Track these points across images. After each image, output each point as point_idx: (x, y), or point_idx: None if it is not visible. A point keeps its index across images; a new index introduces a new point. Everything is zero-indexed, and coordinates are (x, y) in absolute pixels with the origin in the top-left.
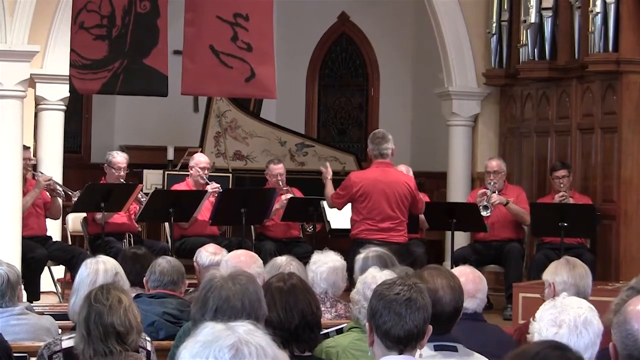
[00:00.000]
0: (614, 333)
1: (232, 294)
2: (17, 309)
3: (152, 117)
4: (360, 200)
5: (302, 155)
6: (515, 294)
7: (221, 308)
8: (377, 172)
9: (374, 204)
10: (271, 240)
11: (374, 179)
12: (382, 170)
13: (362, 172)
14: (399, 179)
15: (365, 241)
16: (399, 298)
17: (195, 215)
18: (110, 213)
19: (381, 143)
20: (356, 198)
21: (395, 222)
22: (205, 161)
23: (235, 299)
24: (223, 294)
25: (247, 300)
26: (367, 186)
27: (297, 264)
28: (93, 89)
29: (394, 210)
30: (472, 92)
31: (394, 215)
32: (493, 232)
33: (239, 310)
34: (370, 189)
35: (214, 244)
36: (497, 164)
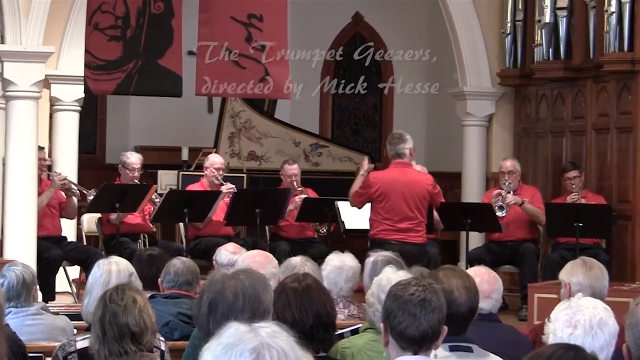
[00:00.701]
0: (627, 334)
1: (226, 287)
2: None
3: (167, 117)
4: (379, 200)
5: (316, 155)
6: (530, 294)
7: (214, 301)
8: (395, 172)
9: (393, 204)
10: (285, 241)
11: (392, 179)
12: (400, 171)
13: (380, 172)
14: (417, 178)
15: (384, 241)
16: (413, 299)
17: (209, 215)
18: (124, 213)
19: (398, 143)
20: (375, 198)
21: (414, 222)
22: (219, 162)
23: (228, 293)
24: (217, 288)
25: (242, 294)
26: (386, 186)
27: (311, 264)
28: (107, 90)
29: (413, 211)
30: (486, 92)
31: (412, 215)
32: (508, 232)
33: (232, 303)
34: (388, 189)
35: (233, 243)
36: (511, 164)
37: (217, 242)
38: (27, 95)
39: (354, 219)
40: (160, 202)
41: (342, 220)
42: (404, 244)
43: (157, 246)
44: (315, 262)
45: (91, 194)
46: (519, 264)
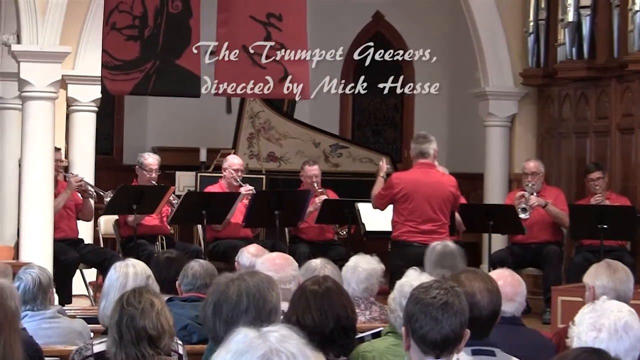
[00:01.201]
0: None
1: (229, 288)
2: (49, 312)
3: (185, 118)
4: (402, 201)
5: (336, 156)
6: (554, 297)
7: (218, 303)
8: (418, 173)
9: (416, 206)
10: (305, 243)
11: (416, 180)
12: (424, 171)
13: (403, 173)
14: (441, 180)
15: (406, 244)
16: (435, 302)
17: (228, 217)
18: (142, 215)
19: (423, 142)
20: (397, 199)
21: (437, 224)
22: (238, 163)
23: (231, 293)
24: (221, 289)
25: (245, 293)
26: (409, 187)
27: (331, 267)
28: (125, 90)
29: (436, 212)
30: (509, 92)
31: (435, 217)
32: (531, 234)
33: (235, 303)
34: (411, 190)
35: (256, 244)
36: (534, 165)
37: (236, 244)
38: (43, 95)
39: (375, 221)
40: (178, 203)
41: (363, 222)
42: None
43: (174, 248)
44: (335, 265)
45: (108, 196)
46: (543, 266)
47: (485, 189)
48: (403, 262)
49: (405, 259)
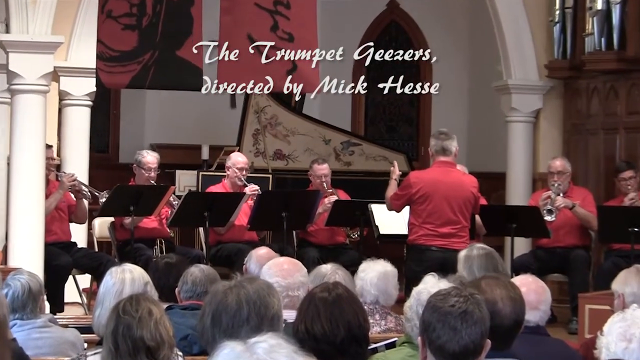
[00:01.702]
0: None
1: (228, 297)
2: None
3: (186, 113)
4: (419, 202)
5: (348, 154)
6: (581, 305)
7: (217, 313)
8: (437, 172)
9: (434, 207)
10: (315, 247)
11: (435, 180)
12: (444, 170)
13: (421, 172)
14: (462, 180)
15: (424, 248)
16: (454, 310)
17: (232, 219)
18: (140, 217)
19: (445, 139)
20: (415, 200)
21: (457, 227)
22: (243, 161)
23: (230, 301)
24: (218, 299)
25: (245, 301)
26: (427, 187)
27: (343, 272)
28: (121, 83)
29: (456, 214)
30: (533, 85)
31: (455, 219)
32: (557, 238)
33: (235, 312)
34: (430, 191)
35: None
36: (561, 163)
37: (240, 248)
38: (34, 89)
39: (389, 224)
40: (179, 204)
41: (376, 224)
42: (446, 250)
43: (175, 253)
44: (346, 270)
45: (103, 196)
46: (569, 272)
47: (508, 190)
48: (420, 267)
49: (422, 264)
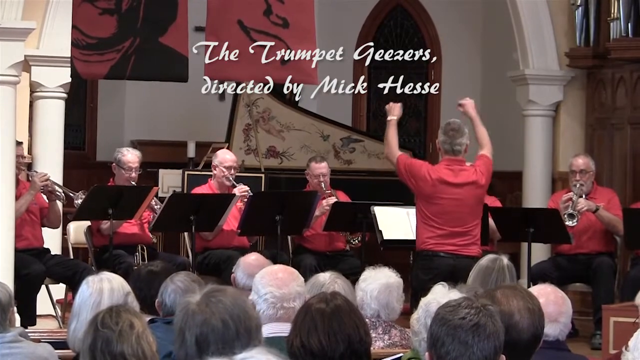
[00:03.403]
0: None
1: (209, 315)
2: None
3: (170, 106)
4: (425, 201)
5: (348, 151)
6: (605, 318)
7: (202, 336)
8: (446, 172)
9: (442, 209)
10: (312, 254)
11: (443, 181)
12: (454, 170)
13: (433, 169)
14: (473, 178)
15: (431, 254)
16: (464, 323)
17: (220, 224)
18: (119, 221)
19: (455, 136)
20: (419, 193)
21: (467, 227)
22: (230, 159)
23: (215, 320)
24: (198, 320)
25: (229, 316)
26: (435, 187)
27: (342, 281)
28: (99, 73)
29: (467, 217)
30: (552, 75)
31: (466, 220)
32: (579, 244)
33: (223, 331)
34: (438, 191)
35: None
36: (584, 162)
37: (230, 255)
38: (2, 79)
39: (394, 228)
40: (162, 207)
41: (380, 229)
42: (457, 257)
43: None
44: (346, 279)
45: (79, 198)
46: (592, 281)
47: (525, 191)
48: (428, 276)
49: (430, 273)
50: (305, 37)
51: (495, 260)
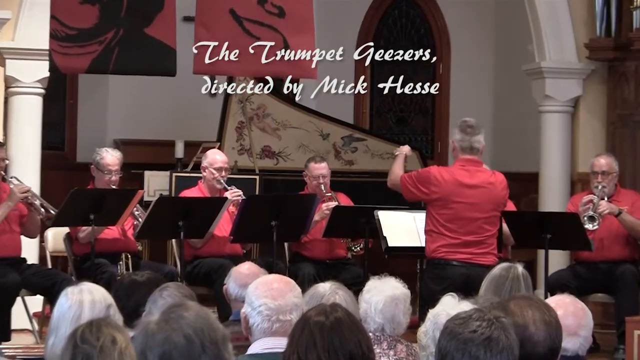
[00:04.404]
0: None
1: (170, 332)
2: None
3: (156, 103)
4: (439, 206)
5: (350, 151)
6: (628, 331)
7: (165, 355)
8: (462, 173)
9: (456, 213)
10: (310, 262)
11: (459, 182)
12: (469, 171)
13: (444, 171)
14: (491, 181)
15: (444, 262)
16: (475, 337)
17: (211, 230)
18: (101, 227)
19: (473, 134)
20: (432, 201)
21: (483, 236)
22: (221, 160)
23: (176, 337)
24: (159, 339)
25: (193, 330)
26: (449, 190)
27: (344, 292)
28: (80, 67)
29: (483, 223)
30: (571, 68)
31: (482, 228)
32: (601, 251)
33: (187, 348)
34: (452, 195)
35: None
36: (606, 162)
37: (221, 264)
38: None
39: (400, 234)
40: (148, 212)
41: (384, 235)
42: (470, 266)
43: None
44: (348, 290)
45: None
46: (615, 291)
47: (541, 193)
48: (440, 286)
49: (442, 283)
50: (302, 27)
51: (509, 269)
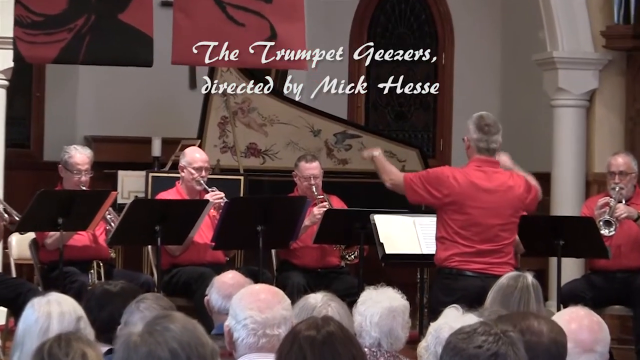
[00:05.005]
0: None
1: (154, 346)
2: None
3: (131, 96)
4: (452, 211)
5: (343, 149)
6: None
7: None
8: (477, 175)
9: (472, 219)
10: (300, 271)
11: (474, 184)
12: (486, 173)
13: (459, 171)
14: (510, 184)
15: (456, 272)
16: (481, 353)
17: (191, 235)
18: (70, 232)
19: (491, 132)
20: (444, 205)
21: (500, 245)
22: (201, 159)
23: (161, 351)
24: (142, 353)
25: (178, 344)
26: (464, 194)
27: (337, 304)
28: (47, 57)
29: (500, 230)
30: (586, 58)
31: (499, 236)
32: (618, 259)
33: None
34: (468, 197)
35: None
36: (624, 161)
37: (202, 273)
38: None
39: (398, 240)
40: (122, 215)
41: (381, 241)
42: (486, 277)
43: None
44: (342, 302)
45: None
46: (634, 303)
47: (553, 195)
48: (450, 297)
49: (454, 294)
50: (291, 13)
51: (517, 278)
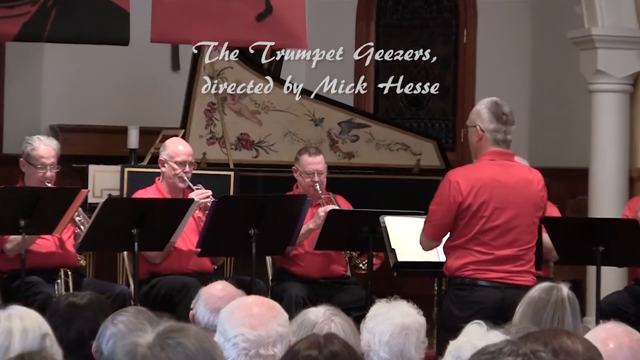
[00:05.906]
0: None
1: None
2: None
3: (104, 80)
4: (469, 216)
5: (349, 140)
6: None
7: None
8: (493, 169)
9: (489, 221)
10: (299, 281)
11: (491, 181)
12: (503, 167)
13: (468, 170)
14: (529, 178)
15: (470, 283)
16: None
17: (172, 240)
18: (33, 236)
19: (509, 122)
20: (461, 212)
21: (521, 250)
22: (184, 152)
23: None
24: None
25: None
26: (480, 193)
27: (341, 320)
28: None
29: (521, 232)
30: (629, 36)
31: (519, 240)
32: None
33: None
34: (484, 197)
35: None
36: None
37: (186, 283)
38: None
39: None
40: (93, 218)
41: (393, 247)
42: (506, 287)
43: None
44: (347, 317)
45: None
46: None
47: (591, 194)
48: (466, 312)
49: (469, 308)
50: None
51: (550, 290)
